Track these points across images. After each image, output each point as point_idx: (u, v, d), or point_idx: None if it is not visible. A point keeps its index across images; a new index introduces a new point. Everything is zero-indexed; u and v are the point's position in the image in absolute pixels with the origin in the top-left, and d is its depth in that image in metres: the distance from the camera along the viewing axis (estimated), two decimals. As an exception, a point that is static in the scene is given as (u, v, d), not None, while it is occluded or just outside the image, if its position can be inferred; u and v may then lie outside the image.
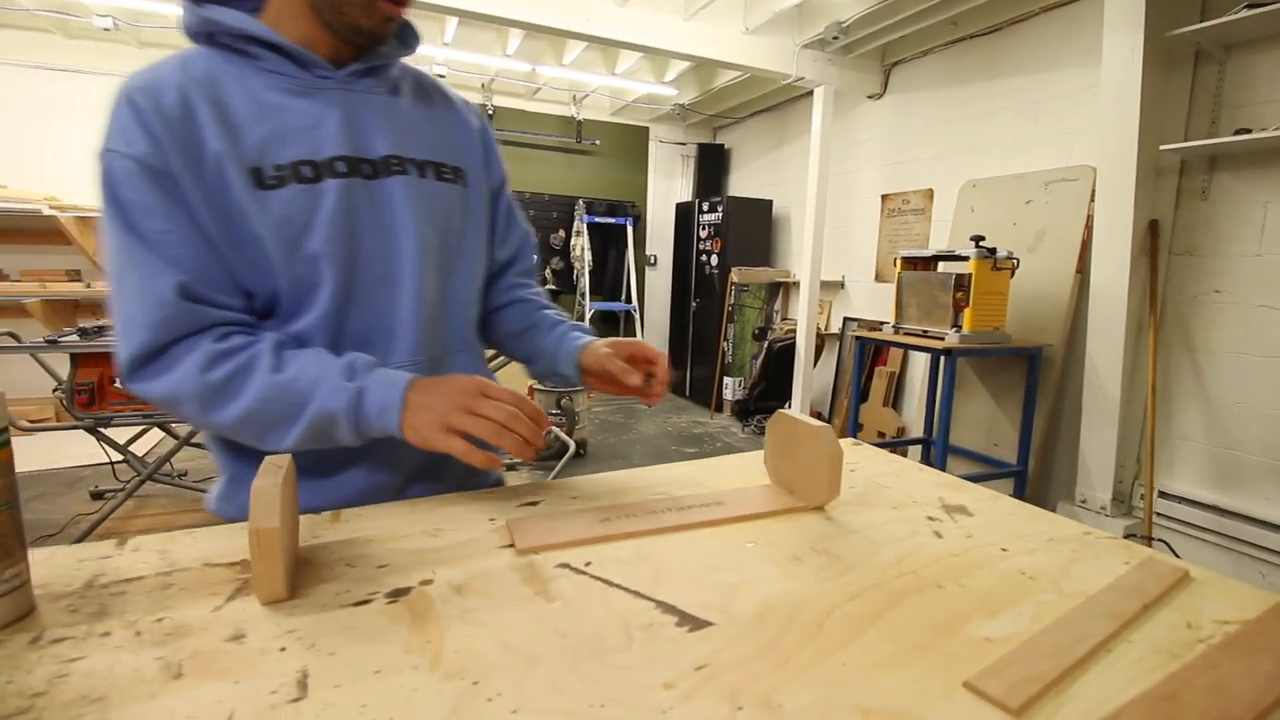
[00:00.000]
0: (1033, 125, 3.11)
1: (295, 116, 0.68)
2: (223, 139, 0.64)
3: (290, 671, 0.41)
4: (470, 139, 0.84)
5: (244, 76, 0.67)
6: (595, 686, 0.40)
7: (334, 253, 0.68)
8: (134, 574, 0.53)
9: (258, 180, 0.65)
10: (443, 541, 0.60)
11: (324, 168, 0.68)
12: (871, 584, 0.53)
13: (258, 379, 0.63)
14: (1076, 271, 2.82)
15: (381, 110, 0.74)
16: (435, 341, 0.77)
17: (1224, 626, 0.48)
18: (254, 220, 0.65)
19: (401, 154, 0.74)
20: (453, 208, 0.78)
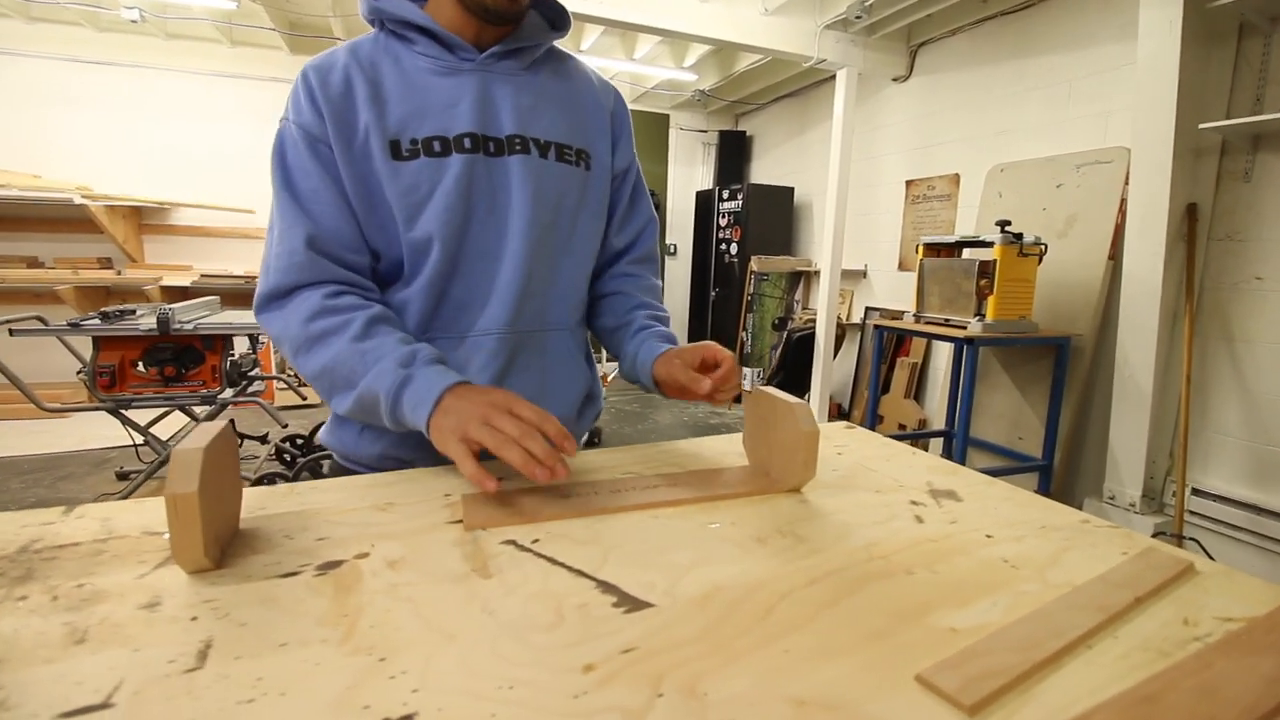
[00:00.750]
0: (1064, 106, 2.97)
1: (436, 95, 0.74)
2: (372, 112, 0.71)
3: (194, 641, 0.39)
4: (601, 122, 0.85)
5: (400, 58, 0.74)
6: (509, 667, 0.37)
7: (447, 222, 0.73)
8: (70, 540, 0.52)
9: (395, 151, 0.71)
10: (391, 516, 0.58)
11: (453, 143, 0.73)
12: (834, 569, 0.49)
13: (341, 341, 0.68)
14: (1109, 258, 2.69)
15: (514, 90, 0.77)
16: (531, 318, 0.79)
17: (1226, 624, 0.43)
18: (387, 187, 0.72)
19: (525, 133, 0.77)
20: (570, 188, 0.80)
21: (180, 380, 2.57)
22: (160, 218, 4.28)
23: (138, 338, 2.43)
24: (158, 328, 2.38)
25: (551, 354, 0.82)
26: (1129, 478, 2.52)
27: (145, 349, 2.49)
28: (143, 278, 4.00)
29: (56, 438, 3.33)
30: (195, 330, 2.46)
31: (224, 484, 0.51)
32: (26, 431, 3.42)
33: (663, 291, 0.96)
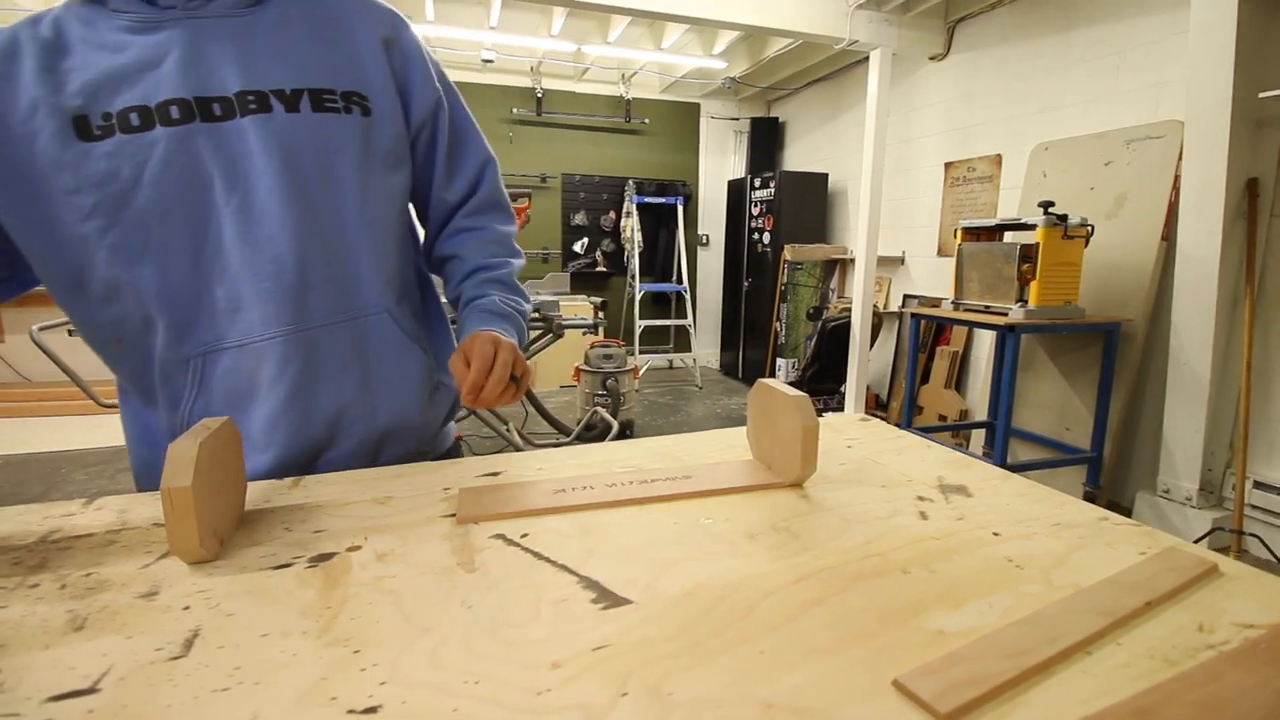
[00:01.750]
0: (1113, 78, 2.81)
1: (132, 56, 0.60)
2: (43, 86, 0.58)
3: (183, 630, 0.40)
4: (375, 56, 0.69)
5: (93, 20, 0.61)
6: (478, 662, 0.37)
7: (173, 215, 0.61)
8: (86, 531, 0.54)
9: (82, 130, 0.58)
10: (388, 509, 0.58)
11: (156, 114, 0.60)
12: (825, 566, 0.48)
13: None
14: (1162, 239, 2.54)
15: (237, 35, 0.63)
16: (326, 309, 0.67)
17: (1245, 631, 0.40)
18: (64, 173, 0.58)
19: (260, 86, 0.63)
20: (342, 142, 0.66)
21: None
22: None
23: (186, 336, 2.54)
24: (204, 326, 2.49)
25: (374, 344, 0.71)
26: (1185, 470, 2.39)
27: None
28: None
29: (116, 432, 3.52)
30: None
31: (224, 478, 0.52)
32: (90, 426, 3.62)
33: (513, 236, 0.82)
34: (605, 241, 5.53)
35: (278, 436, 0.68)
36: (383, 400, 0.72)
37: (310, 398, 0.68)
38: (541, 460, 0.71)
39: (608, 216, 5.48)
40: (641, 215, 5.33)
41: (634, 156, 5.52)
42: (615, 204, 5.47)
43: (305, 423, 0.68)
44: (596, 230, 5.49)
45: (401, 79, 0.71)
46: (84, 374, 2.50)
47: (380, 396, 0.72)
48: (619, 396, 3.69)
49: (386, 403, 0.72)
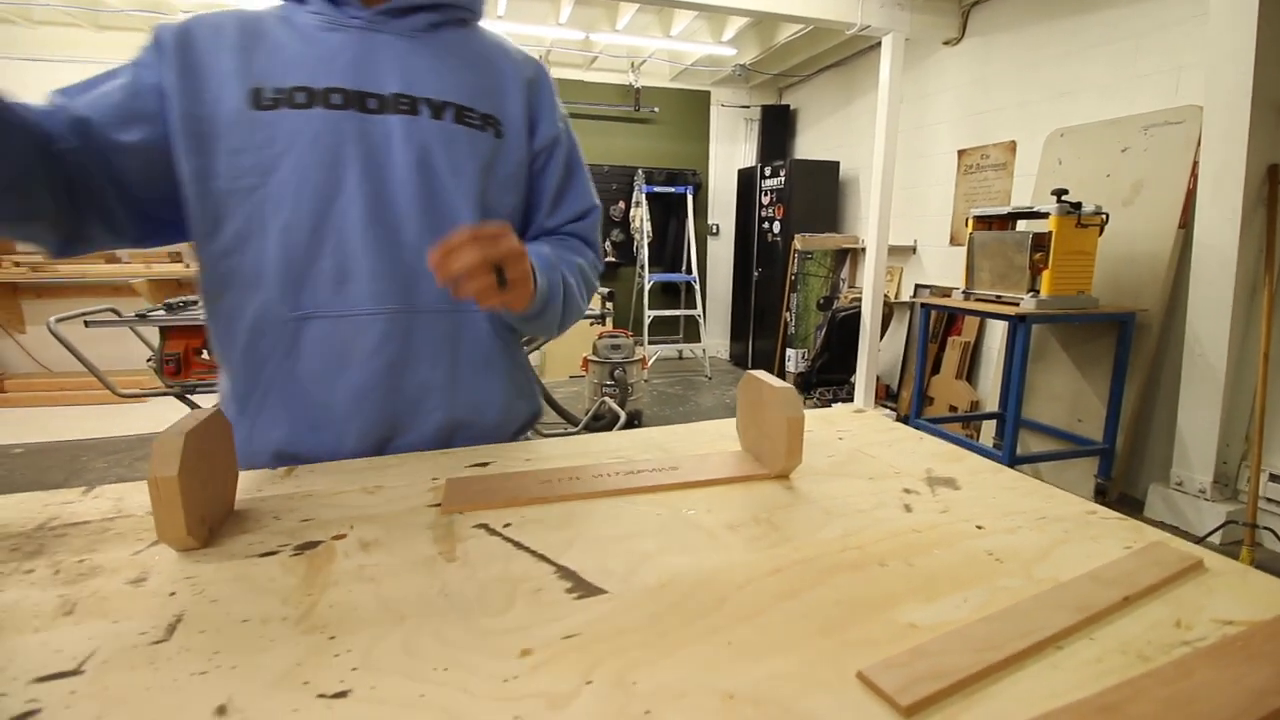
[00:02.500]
0: (1131, 63, 2.75)
1: (314, 49, 0.70)
2: (236, 60, 0.68)
3: (167, 615, 0.41)
4: (515, 91, 0.79)
5: (292, 17, 0.72)
6: (449, 650, 0.37)
7: (309, 184, 0.68)
8: (83, 519, 0.56)
9: (255, 100, 0.67)
10: (377, 499, 0.59)
11: (319, 96, 0.68)
12: (803, 558, 0.48)
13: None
14: (1179, 227, 2.49)
15: (406, 50, 0.73)
16: (433, 297, 0.72)
17: (1224, 627, 0.40)
18: (238, 133, 0.67)
19: (414, 92, 0.72)
20: (473, 154, 0.74)
21: (239, 366, 2.72)
22: (223, 212, 4.50)
23: (199, 327, 2.58)
24: (216, 317, 2.52)
25: (466, 339, 0.76)
26: (1199, 463, 2.35)
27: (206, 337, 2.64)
28: (208, 269, 4.23)
29: (135, 421, 3.59)
30: (250, 319, 2.59)
31: (213, 467, 0.53)
32: (109, 415, 3.70)
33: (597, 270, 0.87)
34: (614, 231, 5.52)
35: (365, 407, 0.72)
36: (463, 392, 0.76)
37: (400, 376, 0.73)
38: (530, 451, 0.72)
39: (617, 206, 5.47)
40: (651, 205, 5.31)
41: (643, 145, 5.49)
42: (625, 194, 5.45)
43: (391, 400, 0.73)
44: (606, 220, 5.47)
45: (533, 112, 0.81)
46: (100, 364, 2.55)
47: (462, 388, 0.76)
48: (627, 387, 3.70)
49: (466, 395, 0.76)
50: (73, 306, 3.11)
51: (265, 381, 0.71)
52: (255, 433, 0.72)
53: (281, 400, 0.71)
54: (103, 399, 3.73)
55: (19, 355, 4.26)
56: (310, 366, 0.71)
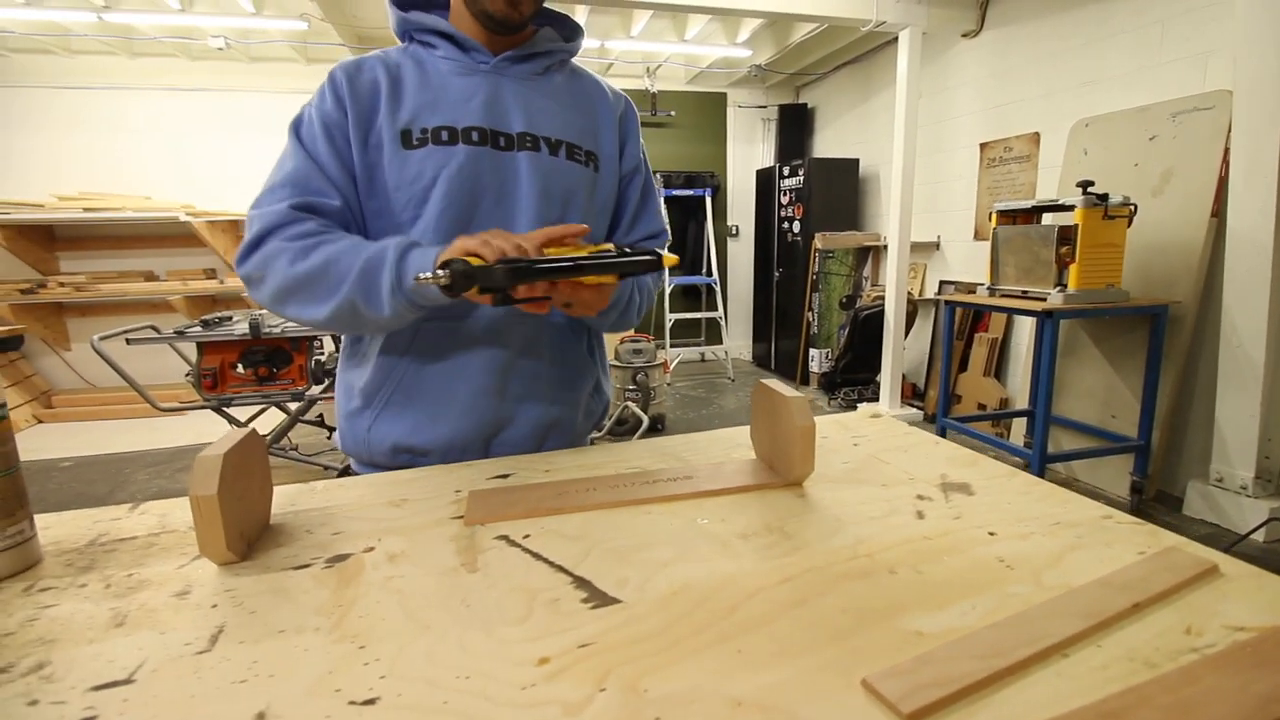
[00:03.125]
0: (1157, 48, 2.68)
1: (451, 92, 0.79)
2: (390, 105, 0.77)
3: (210, 626, 0.44)
4: (609, 126, 0.89)
5: (423, 61, 0.81)
6: (471, 658, 0.39)
7: (449, 207, 0.77)
8: (131, 534, 0.59)
9: (405, 140, 0.76)
10: (402, 511, 0.62)
11: (460, 134, 0.77)
12: (813, 566, 0.49)
13: (341, 242, 0.72)
14: (1212, 215, 2.42)
15: (528, 92, 0.82)
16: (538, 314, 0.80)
17: (1235, 634, 0.40)
18: (394, 173, 0.76)
19: (535, 132, 0.81)
20: (579, 187, 0.83)
21: (273, 379, 2.80)
22: (254, 229, 4.64)
23: (233, 342, 2.67)
24: (250, 332, 2.61)
25: (554, 346, 0.84)
26: (1239, 458, 2.28)
27: (241, 352, 2.73)
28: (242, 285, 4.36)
29: (175, 433, 3.71)
30: (283, 333, 2.67)
31: (250, 485, 0.56)
32: (151, 428, 3.83)
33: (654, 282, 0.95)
34: (634, 236, 5.53)
35: (480, 405, 0.80)
36: (558, 394, 0.85)
37: (508, 378, 0.81)
38: (550, 463, 0.74)
39: (636, 211, 5.48)
40: (669, 208, 5.31)
41: (661, 149, 5.50)
42: (643, 198, 5.46)
43: (500, 399, 0.81)
44: (625, 225, 5.49)
45: (621, 143, 0.91)
46: (141, 379, 2.65)
47: (555, 387, 0.84)
48: (649, 391, 3.71)
49: (559, 398, 0.85)
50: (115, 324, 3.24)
51: (396, 378, 0.79)
52: (377, 426, 0.80)
53: (408, 396, 0.79)
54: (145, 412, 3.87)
55: (65, 372, 4.44)
56: (437, 366, 0.79)
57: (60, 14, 3.65)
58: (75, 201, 4.07)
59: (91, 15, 3.61)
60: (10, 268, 4.16)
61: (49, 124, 4.26)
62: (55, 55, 4.21)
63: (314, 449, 3.38)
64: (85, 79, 4.27)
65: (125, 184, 4.32)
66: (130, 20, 3.79)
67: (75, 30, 3.92)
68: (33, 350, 4.36)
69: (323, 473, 2.97)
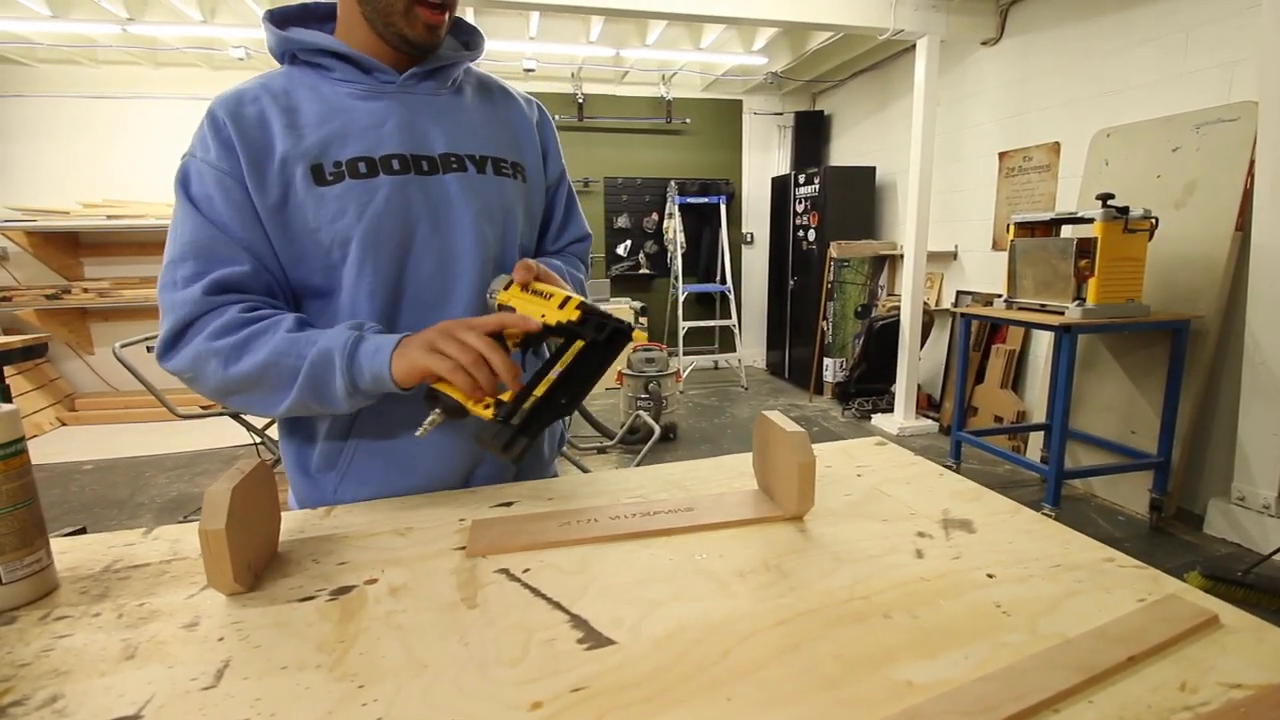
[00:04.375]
0: (1181, 58, 2.64)
1: (359, 118, 0.73)
2: (289, 140, 0.70)
3: (216, 660, 0.45)
4: (529, 135, 0.86)
5: (317, 86, 0.74)
6: (466, 700, 0.40)
7: (382, 245, 0.72)
8: (144, 561, 0.61)
9: (318, 176, 0.70)
10: (407, 540, 0.63)
11: (380, 164, 0.72)
12: (809, 609, 0.49)
13: (276, 336, 0.66)
14: (1236, 229, 2.38)
15: (442, 110, 0.77)
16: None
17: (1231, 691, 0.40)
18: (310, 214, 0.70)
19: (459, 151, 0.77)
20: (514, 201, 0.81)
21: (288, 386, 2.85)
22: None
23: (250, 349, 2.72)
24: (266, 340, 2.65)
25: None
26: (1262, 477, 2.24)
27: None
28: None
29: (196, 437, 3.79)
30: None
31: (258, 515, 0.58)
32: (172, 431, 3.91)
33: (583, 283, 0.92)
34: (648, 243, 5.55)
35: (450, 447, 0.77)
36: None
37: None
38: (553, 490, 0.75)
39: (650, 218, 5.51)
40: (684, 215, 5.33)
41: (676, 157, 5.52)
42: (658, 205, 5.49)
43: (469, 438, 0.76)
44: (639, 232, 5.52)
45: (545, 152, 0.88)
46: (162, 383, 2.71)
47: None
48: (661, 400, 3.72)
49: None
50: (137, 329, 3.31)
51: (354, 441, 0.75)
52: (344, 487, 0.76)
53: (372, 455, 0.75)
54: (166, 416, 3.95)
55: (88, 375, 4.55)
56: (401, 415, 0.74)
57: (85, 26, 3.75)
58: (99, 209, 4.17)
59: (115, 27, 3.71)
60: (36, 273, 4.28)
61: (75, 132, 4.38)
62: (81, 65, 4.33)
63: (328, 455, 3.42)
64: (110, 88, 4.39)
65: (148, 191, 4.43)
66: (153, 32, 3.89)
67: (100, 41, 4.02)
68: (57, 354, 4.48)
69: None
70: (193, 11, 3.74)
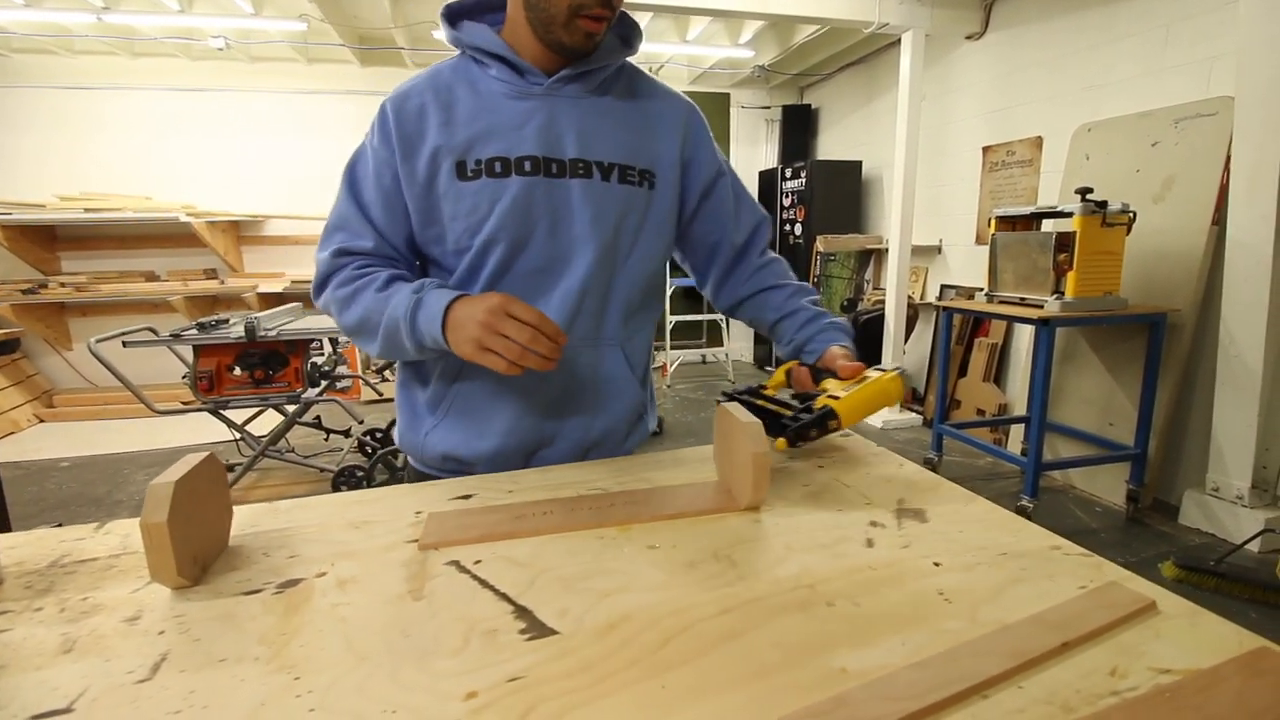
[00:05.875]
0: (1161, 53, 2.66)
1: (505, 118, 0.79)
2: (442, 134, 0.77)
3: (154, 654, 0.45)
4: (669, 140, 0.87)
5: (476, 82, 0.80)
6: (400, 692, 0.40)
7: (503, 240, 0.78)
8: (92, 555, 0.60)
9: (460, 171, 0.77)
10: (360, 534, 0.63)
11: (514, 165, 0.78)
12: (753, 597, 0.49)
13: (369, 293, 0.77)
14: (1212, 224, 2.41)
15: (583, 114, 0.81)
16: (581, 332, 0.82)
17: (1160, 676, 0.40)
18: (450, 205, 0.78)
19: (588, 157, 0.80)
20: (632, 209, 0.83)
21: (269, 382, 2.83)
22: (255, 229, 4.68)
23: (229, 345, 2.69)
24: (245, 335, 2.63)
25: (605, 369, 0.85)
26: (1235, 468, 2.27)
27: (237, 354, 2.75)
28: (242, 286, 4.40)
29: (175, 434, 3.75)
30: (278, 336, 2.69)
31: (206, 509, 0.58)
32: (150, 428, 3.87)
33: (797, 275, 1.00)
34: (635, 237, 5.53)
35: (524, 425, 0.83)
36: (600, 417, 0.86)
37: (550, 401, 0.84)
38: (514, 482, 0.75)
39: (637, 212, 5.48)
40: (671, 209, 5.31)
41: (663, 150, 5.50)
42: (644, 199, 5.46)
43: (544, 420, 0.84)
44: (626, 226, 5.50)
45: (688, 157, 0.89)
46: (142, 378, 2.68)
47: (600, 413, 0.86)
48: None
49: (602, 420, 0.87)
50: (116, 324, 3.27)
51: (453, 395, 0.83)
52: (433, 435, 0.84)
53: (461, 413, 0.83)
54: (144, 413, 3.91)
55: (66, 371, 4.49)
56: (489, 387, 0.82)
57: (60, 15, 3.69)
58: (76, 202, 4.11)
59: (91, 16, 3.64)
60: (12, 268, 4.21)
61: (51, 124, 4.31)
62: (57, 56, 4.25)
63: (310, 450, 3.40)
64: (87, 79, 4.31)
65: (126, 184, 4.37)
66: (130, 21, 3.83)
67: (76, 31, 3.96)
68: (34, 350, 4.42)
69: (319, 475, 3.00)
70: (169, 0, 3.68)
